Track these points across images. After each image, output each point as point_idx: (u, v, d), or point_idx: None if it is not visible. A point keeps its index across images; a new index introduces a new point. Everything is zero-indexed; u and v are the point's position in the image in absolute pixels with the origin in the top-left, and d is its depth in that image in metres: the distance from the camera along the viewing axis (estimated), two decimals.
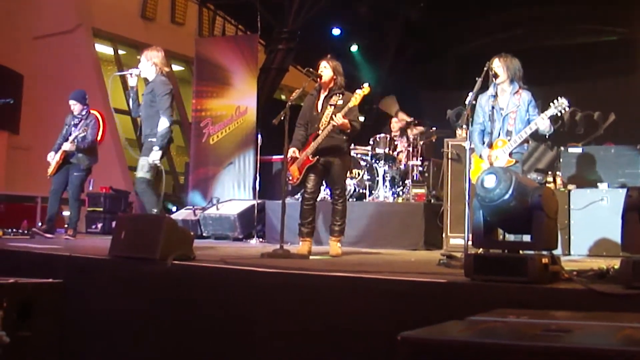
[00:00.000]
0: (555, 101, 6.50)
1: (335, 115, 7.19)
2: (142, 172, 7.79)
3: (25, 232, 9.95)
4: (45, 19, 18.83)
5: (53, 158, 9.66)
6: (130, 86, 8.26)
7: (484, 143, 6.76)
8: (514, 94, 6.71)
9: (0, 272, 5.57)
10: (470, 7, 14.65)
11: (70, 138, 9.58)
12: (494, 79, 6.63)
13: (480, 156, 6.72)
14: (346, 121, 7.20)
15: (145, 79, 8.11)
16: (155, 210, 7.73)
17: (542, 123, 6.50)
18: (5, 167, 17.71)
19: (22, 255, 6.80)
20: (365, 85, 7.32)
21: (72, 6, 18.63)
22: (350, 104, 7.21)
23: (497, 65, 6.67)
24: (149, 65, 7.99)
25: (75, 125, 9.72)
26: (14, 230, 9.56)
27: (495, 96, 6.69)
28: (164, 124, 7.76)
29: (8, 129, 16.56)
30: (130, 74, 8.12)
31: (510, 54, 6.79)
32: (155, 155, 7.72)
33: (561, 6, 13.90)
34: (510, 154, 6.61)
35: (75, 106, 9.82)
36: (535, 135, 6.78)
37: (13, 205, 12.50)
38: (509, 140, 6.62)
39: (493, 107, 6.68)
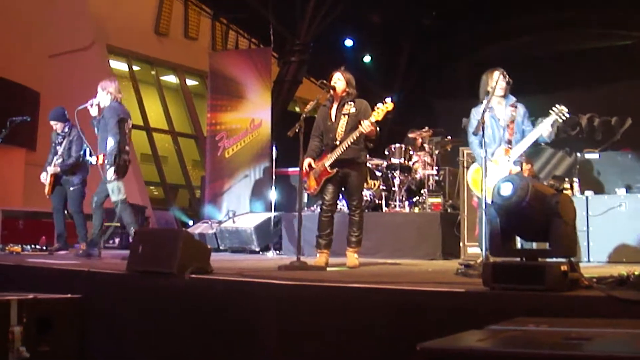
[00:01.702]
0: (554, 108, 6.57)
1: (362, 123, 7.17)
2: (115, 196, 8.73)
3: (44, 248, 9.99)
4: (61, 37, 18.97)
5: (45, 179, 9.73)
6: (93, 116, 9.02)
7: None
8: (510, 106, 6.83)
9: (20, 287, 5.61)
10: (482, 15, 14.65)
11: (53, 161, 9.66)
12: (501, 91, 6.72)
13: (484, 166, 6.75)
14: (373, 128, 7.21)
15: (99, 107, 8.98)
16: (133, 229, 8.62)
17: (544, 130, 6.57)
18: (24, 183, 17.82)
19: (41, 271, 6.83)
20: (388, 100, 7.27)
21: (86, 24, 18.77)
22: (373, 119, 7.18)
23: (501, 78, 6.76)
24: (105, 94, 8.90)
25: (60, 144, 9.78)
26: (33, 246, 9.60)
27: (492, 108, 6.76)
28: (109, 143, 8.63)
29: (25, 146, 16.68)
30: (91, 105, 8.97)
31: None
32: (110, 174, 8.63)
33: (574, 11, 13.85)
34: (514, 162, 6.68)
35: (56, 125, 9.86)
36: (547, 143, 6.84)
37: (31, 222, 12.55)
38: (510, 149, 6.69)
39: (492, 118, 6.75)
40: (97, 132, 9.02)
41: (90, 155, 9.52)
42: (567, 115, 6.58)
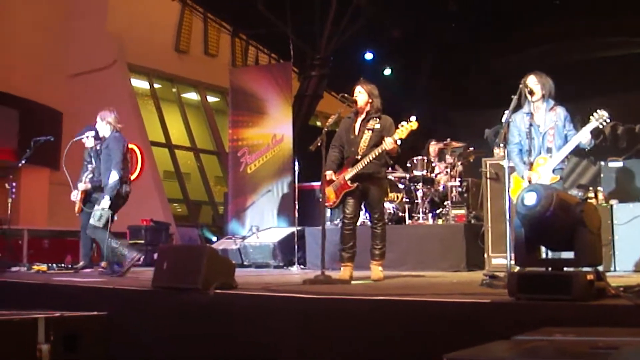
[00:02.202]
0: (595, 114, 6.40)
1: (385, 140, 7.18)
2: (93, 220, 8.85)
3: (70, 266, 10.04)
4: (82, 56, 19.15)
5: (76, 197, 9.76)
6: (89, 147, 9.44)
7: (524, 163, 6.66)
8: (549, 111, 6.60)
9: (46, 305, 5.64)
10: (500, 25, 14.64)
11: (84, 177, 9.70)
12: (529, 96, 6.55)
13: (523, 177, 6.64)
14: (395, 147, 7.20)
15: (103, 137, 9.22)
16: (85, 261, 9.23)
17: (584, 137, 6.40)
18: (48, 203, 17.96)
19: (67, 289, 6.88)
20: (413, 118, 7.23)
21: (107, 43, 18.92)
22: (396, 136, 7.17)
23: (534, 82, 6.58)
24: (104, 124, 9.12)
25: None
26: (59, 264, 9.66)
27: (531, 114, 6.62)
28: (113, 177, 8.80)
29: (49, 166, 16.83)
30: (87, 136, 9.37)
31: (544, 72, 6.71)
32: (105, 203, 8.75)
33: (592, 19, 13.80)
34: (553, 171, 6.52)
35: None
36: (576, 150, 6.67)
37: (57, 240, 12.65)
38: (550, 157, 6.54)
39: (531, 125, 6.58)
40: (93, 162, 9.31)
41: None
42: (608, 121, 6.41)
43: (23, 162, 10.65)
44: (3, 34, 18.11)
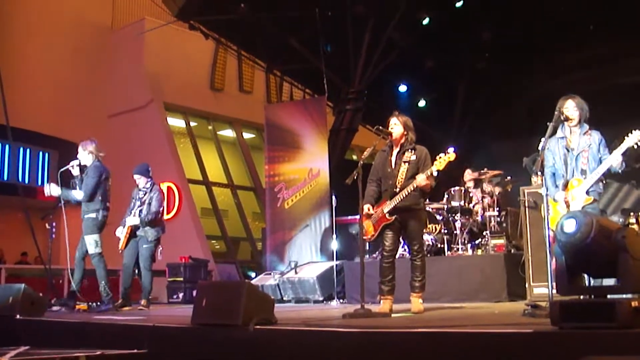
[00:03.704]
0: (630, 134, 6.36)
1: (417, 177, 7.17)
2: (92, 249, 9.41)
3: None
4: (119, 97, 19.47)
5: (121, 232, 9.86)
6: (74, 175, 9.63)
7: (557, 186, 6.63)
8: (584, 134, 6.59)
9: (87, 344, 5.67)
10: (536, 53, 14.61)
11: (134, 212, 9.79)
12: (566, 122, 6.54)
13: (554, 199, 6.59)
14: (429, 182, 7.18)
15: (85, 166, 9.62)
16: (104, 283, 9.43)
17: (615, 159, 6.35)
18: None
19: (107, 328, 6.90)
20: (451, 150, 7.23)
21: (143, 83, 19.20)
22: (434, 168, 7.15)
23: (573, 107, 6.57)
24: (86, 154, 9.60)
25: (140, 199, 9.93)
26: (98, 303, 9.71)
27: (565, 138, 6.60)
28: (77, 195, 9.45)
29: None
30: (72, 166, 9.59)
31: (577, 96, 6.69)
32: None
33: (629, 43, 13.70)
34: (587, 192, 6.46)
35: (139, 180, 10.07)
36: (618, 175, 6.59)
37: (96, 280, 12.72)
38: (584, 179, 6.48)
39: (566, 149, 6.57)
40: (79, 189, 9.52)
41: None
42: None
43: (62, 202, 10.79)
44: (42, 78, 18.48)
